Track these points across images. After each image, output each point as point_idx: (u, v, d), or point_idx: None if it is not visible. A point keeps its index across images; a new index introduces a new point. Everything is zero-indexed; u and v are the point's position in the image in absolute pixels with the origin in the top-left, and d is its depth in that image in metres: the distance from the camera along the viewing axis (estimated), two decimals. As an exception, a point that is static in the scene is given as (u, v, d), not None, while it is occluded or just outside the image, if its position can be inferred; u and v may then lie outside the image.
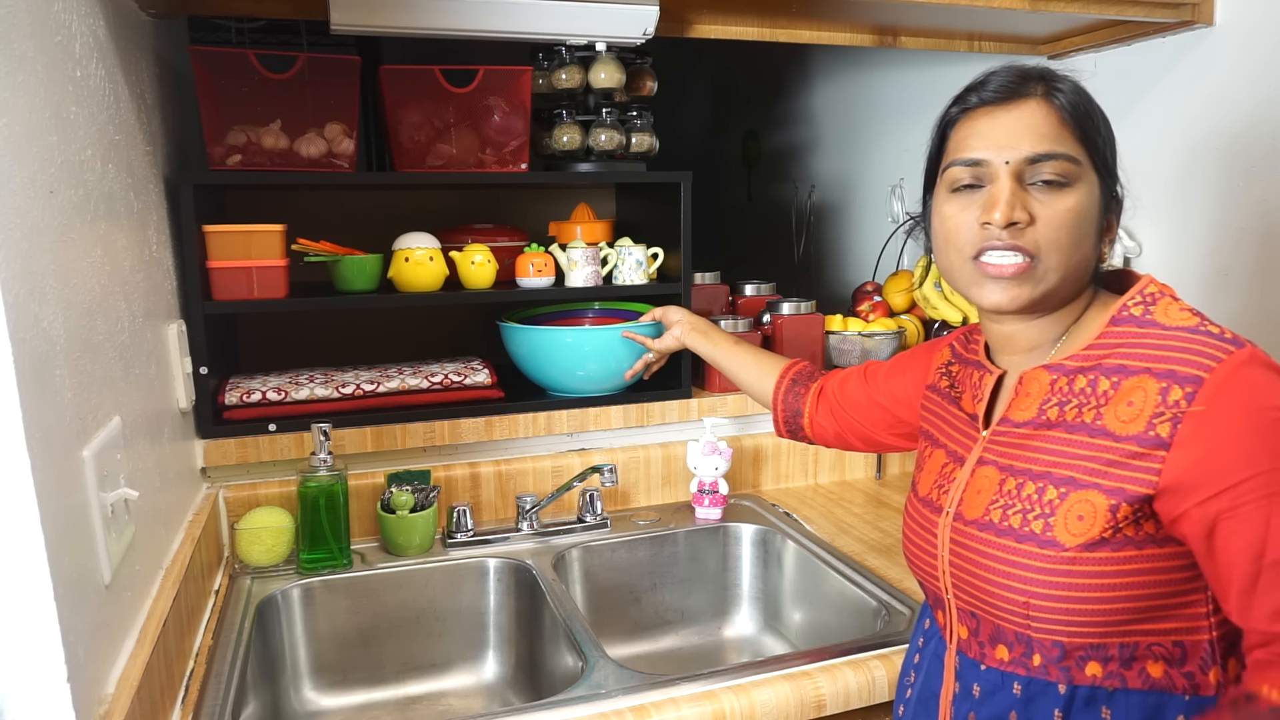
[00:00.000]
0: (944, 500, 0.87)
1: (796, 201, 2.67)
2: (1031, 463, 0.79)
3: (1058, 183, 0.77)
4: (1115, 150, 0.82)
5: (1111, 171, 0.81)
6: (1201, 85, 1.47)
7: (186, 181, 1.29)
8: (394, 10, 1.26)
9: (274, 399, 1.41)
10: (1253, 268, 1.40)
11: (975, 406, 0.89)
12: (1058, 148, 0.77)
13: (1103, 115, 0.81)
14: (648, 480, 1.62)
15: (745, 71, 3.10)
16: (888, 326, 1.75)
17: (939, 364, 1.00)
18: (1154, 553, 0.74)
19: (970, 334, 0.98)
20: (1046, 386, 0.81)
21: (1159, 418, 0.72)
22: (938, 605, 0.89)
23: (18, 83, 0.71)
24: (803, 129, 2.73)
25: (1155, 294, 0.79)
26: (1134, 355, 0.76)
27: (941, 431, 0.93)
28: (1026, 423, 0.81)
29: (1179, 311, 0.77)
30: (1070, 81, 0.80)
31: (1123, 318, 0.79)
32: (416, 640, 1.37)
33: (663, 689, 1.03)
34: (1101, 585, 0.74)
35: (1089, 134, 0.78)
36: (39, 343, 0.71)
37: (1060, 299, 0.81)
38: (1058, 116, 0.78)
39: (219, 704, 1.00)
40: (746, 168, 3.09)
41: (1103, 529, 0.73)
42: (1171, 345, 0.74)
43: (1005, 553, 0.78)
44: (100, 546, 0.81)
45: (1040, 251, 0.77)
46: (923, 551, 0.88)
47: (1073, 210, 0.77)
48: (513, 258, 1.56)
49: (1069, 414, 0.78)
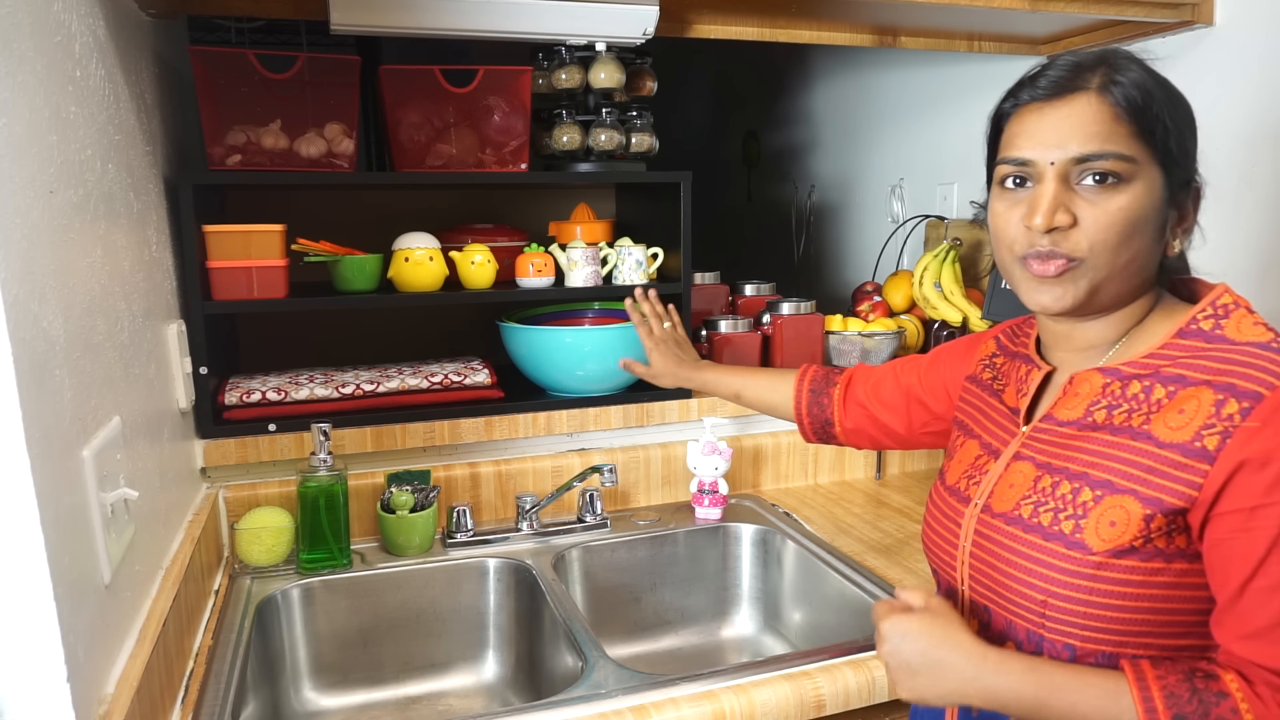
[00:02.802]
0: (973, 491, 0.86)
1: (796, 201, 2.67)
2: (1070, 462, 0.78)
3: (1109, 181, 0.74)
4: (1189, 135, 0.77)
5: (1179, 161, 0.76)
6: (1201, 85, 1.46)
7: (186, 181, 1.29)
8: (394, 10, 1.26)
9: (274, 399, 1.41)
10: (1254, 268, 1.40)
11: (1019, 400, 0.87)
12: (1108, 146, 0.73)
13: (1172, 100, 0.77)
14: (648, 480, 1.62)
15: (745, 71, 3.10)
16: (887, 326, 1.75)
17: (982, 356, 0.99)
18: (1182, 568, 0.72)
19: (1019, 327, 0.96)
20: (1098, 389, 0.79)
21: (1209, 429, 0.70)
22: (950, 596, 0.88)
23: (18, 83, 0.71)
24: (803, 129, 2.73)
25: (1229, 305, 0.77)
26: (1196, 367, 0.74)
27: (977, 423, 0.92)
28: (1071, 423, 0.80)
29: (1251, 326, 0.75)
30: (1134, 71, 0.76)
31: (1190, 330, 0.76)
32: (416, 640, 1.37)
33: (663, 689, 1.03)
34: (1124, 594, 0.73)
35: (1148, 126, 0.74)
36: (39, 343, 0.71)
37: (1115, 297, 0.78)
38: (1111, 112, 0.74)
39: (219, 704, 1.00)
40: (746, 168, 3.09)
41: (1134, 537, 0.72)
42: (1236, 359, 0.72)
43: (1030, 549, 0.77)
44: (100, 547, 0.81)
45: (1086, 253, 0.75)
46: (943, 540, 0.88)
47: (1124, 209, 0.74)
48: (513, 258, 1.56)
49: (1117, 418, 0.76)
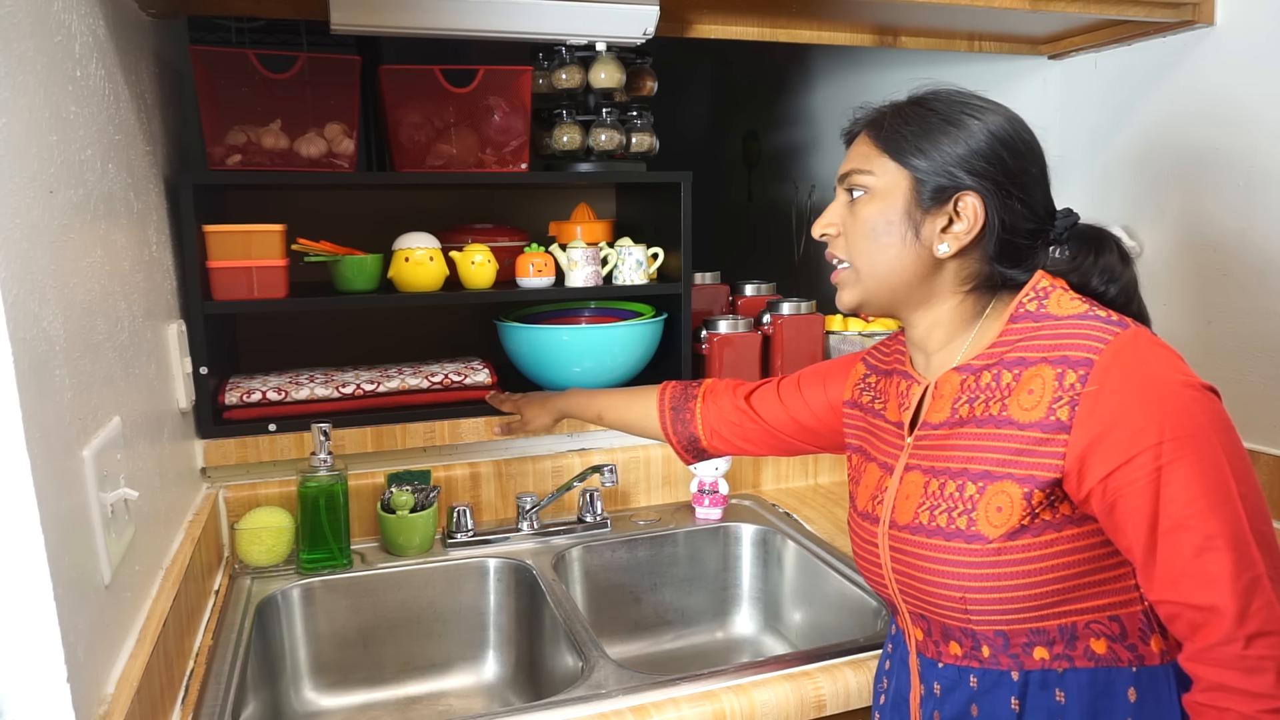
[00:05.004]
0: (880, 510, 0.89)
1: (796, 201, 2.67)
2: (949, 461, 0.82)
3: (857, 194, 0.85)
4: (952, 151, 0.80)
5: (932, 173, 0.80)
6: (1201, 85, 1.46)
7: (186, 181, 1.29)
8: (394, 10, 1.26)
9: (274, 399, 1.41)
10: (1253, 268, 1.40)
11: (901, 414, 0.90)
12: (857, 165, 0.85)
13: (935, 118, 0.81)
14: (648, 480, 1.62)
15: (745, 72, 3.10)
16: (887, 326, 1.75)
17: (855, 380, 1.02)
18: (1074, 532, 0.76)
19: (884, 346, 1.00)
20: (957, 386, 0.84)
21: (1058, 402, 0.75)
22: (895, 612, 0.91)
23: (18, 83, 0.71)
24: (803, 129, 2.73)
25: (1047, 288, 0.81)
26: (1031, 347, 0.79)
27: (870, 445, 0.95)
28: (942, 423, 0.84)
29: (1070, 301, 0.80)
30: (898, 111, 0.84)
31: (1020, 314, 0.81)
32: (416, 640, 1.37)
33: (663, 689, 1.03)
34: (1029, 570, 0.76)
35: (894, 143, 0.82)
36: (39, 343, 0.70)
37: (898, 296, 0.85)
38: (869, 144, 0.85)
39: (219, 704, 1.00)
40: (746, 168, 3.09)
41: (1021, 517, 0.76)
42: (1063, 333, 0.77)
43: (937, 552, 0.80)
44: (100, 547, 0.81)
45: (849, 256, 0.86)
46: (869, 563, 0.90)
47: (863, 218, 0.84)
48: (513, 258, 1.56)
49: (978, 409, 0.81)
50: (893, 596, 0.89)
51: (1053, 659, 0.79)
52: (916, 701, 0.88)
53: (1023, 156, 0.81)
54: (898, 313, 0.88)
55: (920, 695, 0.88)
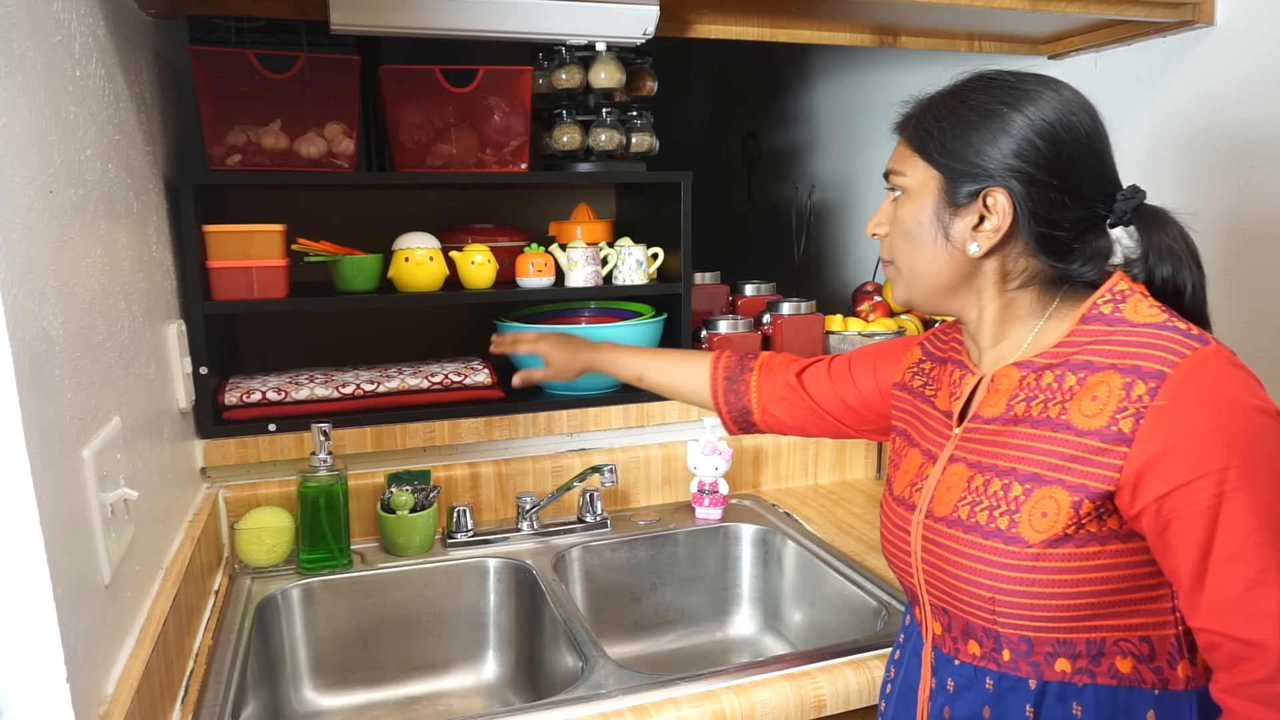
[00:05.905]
0: (917, 498, 0.87)
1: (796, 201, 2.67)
2: (998, 458, 0.80)
3: (896, 194, 0.85)
4: (980, 146, 0.78)
5: (960, 171, 0.78)
6: (1201, 85, 1.46)
7: (186, 181, 1.29)
8: (394, 10, 1.26)
9: (274, 399, 1.41)
10: (1254, 268, 1.40)
11: (951, 404, 0.89)
12: (893, 165, 0.85)
13: (966, 111, 0.79)
14: (648, 480, 1.62)
15: (745, 71, 3.10)
16: (888, 326, 1.75)
17: (909, 363, 1.00)
18: (1118, 548, 0.74)
19: (943, 333, 0.98)
20: (1016, 383, 0.81)
21: (1122, 413, 0.72)
22: (914, 601, 0.90)
23: (18, 82, 0.71)
24: (803, 129, 2.73)
25: (1125, 291, 0.78)
26: (1101, 352, 0.76)
27: (916, 430, 0.93)
28: (995, 418, 0.82)
29: (1148, 308, 0.76)
30: (929, 105, 0.83)
31: (1092, 315, 0.78)
32: (416, 640, 1.37)
33: (663, 689, 1.03)
34: (1065, 580, 0.74)
35: (922, 141, 0.82)
36: (39, 343, 0.71)
37: (939, 296, 0.84)
38: (904, 143, 0.85)
39: (219, 704, 1.00)
40: (746, 168, 3.09)
41: (1066, 525, 0.74)
42: (1138, 341, 0.74)
43: (972, 548, 0.79)
44: (100, 547, 0.81)
45: (893, 256, 0.87)
46: (898, 549, 0.89)
47: (900, 220, 0.84)
48: (513, 258, 1.56)
49: (1035, 409, 0.78)
50: (916, 586, 0.87)
51: (1075, 672, 0.77)
52: (925, 695, 0.87)
53: (1064, 144, 0.76)
54: (945, 311, 0.86)
55: (931, 689, 0.86)
